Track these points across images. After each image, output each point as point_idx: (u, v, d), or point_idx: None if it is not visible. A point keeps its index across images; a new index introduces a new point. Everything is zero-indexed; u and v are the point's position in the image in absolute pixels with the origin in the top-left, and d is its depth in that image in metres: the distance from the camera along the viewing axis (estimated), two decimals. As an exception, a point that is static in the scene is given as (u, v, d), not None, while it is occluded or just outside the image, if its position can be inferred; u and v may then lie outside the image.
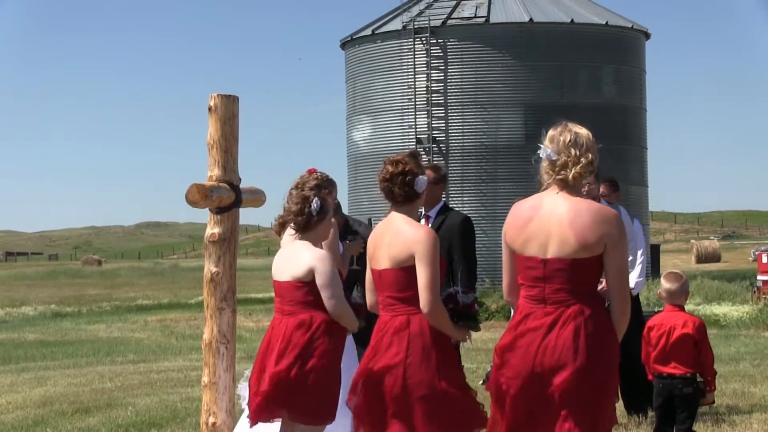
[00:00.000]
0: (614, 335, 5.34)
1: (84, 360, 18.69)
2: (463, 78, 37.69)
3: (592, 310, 5.26)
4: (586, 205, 5.33)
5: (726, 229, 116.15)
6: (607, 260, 5.28)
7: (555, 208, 5.31)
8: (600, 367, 5.23)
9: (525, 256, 5.35)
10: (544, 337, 5.24)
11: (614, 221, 5.29)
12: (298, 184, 7.45)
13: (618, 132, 38.64)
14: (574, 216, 5.26)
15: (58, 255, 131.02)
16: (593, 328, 5.23)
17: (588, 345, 5.20)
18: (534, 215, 5.35)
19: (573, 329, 5.21)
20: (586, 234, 5.23)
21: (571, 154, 5.37)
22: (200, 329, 19.05)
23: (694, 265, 58.04)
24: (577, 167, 5.37)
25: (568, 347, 5.19)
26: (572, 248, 5.23)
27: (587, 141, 5.44)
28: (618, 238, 5.27)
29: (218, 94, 7.36)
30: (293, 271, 6.98)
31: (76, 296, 45.15)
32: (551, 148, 5.41)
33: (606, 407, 5.30)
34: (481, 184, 37.02)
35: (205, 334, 7.42)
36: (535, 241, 5.31)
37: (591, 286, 5.31)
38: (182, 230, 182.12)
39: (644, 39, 40.85)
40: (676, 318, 7.93)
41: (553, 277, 5.26)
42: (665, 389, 7.95)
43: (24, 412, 11.67)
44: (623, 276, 5.32)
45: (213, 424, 7.37)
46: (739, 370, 13.45)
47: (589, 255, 5.24)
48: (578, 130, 5.46)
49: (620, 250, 5.28)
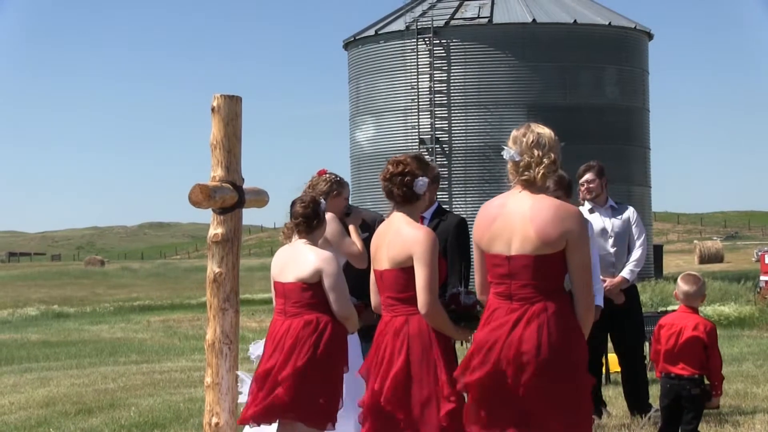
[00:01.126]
0: (579, 332, 5.38)
1: (87, 360, 18.68)
2: (466, 78, 37.70)
3: (557, 306, 5.33)
4: (549, 202, 5.41)
5: (729, 229, 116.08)
6: (569, 256, 5.35)
7: (518, 206, 5.42)
8: (564, 365, 5.27)
9: (491, 253, 5.46)
10: (509, 334, 5.31)
11: (576, 217, 5.38)
12: (310, 186, 7.52)
13: (621, 132, 38.66)
14: (536, 213, 5.35)
15: (61, 255, 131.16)
16: (557, 325, 5.29)
17: (551, 342, 5.26)
18: (499, 214, 5.46)
19: (536, 326, 5.28)
20: (547, 230, 5.31)
21: (534, 154, 5.45)
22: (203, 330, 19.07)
23: (697, 266, 57.99)
24: (540, 167, 5.44)
25: (532, 344, 5.26)
26: (534, 244, 5.32)
27: (550, 141, 5.51)
28: (579, 234, 5.35)
29: (221, 95, 7.35)
30: (298, 273, 6.98)
31: (79, 297, 45.18)
32: (514, 149, 5.50)
33: (579, 403, 5.32)
34: (484, 184, 37.02)
35: (208, 335, 7.41)
36: (500, 239, 5.42)
37: (556, 283, 5.37)
38: (185, 231, 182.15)
39: (647, 39, 40.85)
40: (688, 319, 7.92)
41: (517, 274, 5.35)
42: (673, 389, 7.94)
43: (27, 413, 11.67)
44: (586, 272, 5.38)
45: (216, 424, 7.36)
46: (742, 371, 13.44)
47: (552, 251, 5.32)
48: (540, 131, 5.53)
49: (582, 246, 5.35)
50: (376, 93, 39.06)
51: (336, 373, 6.94)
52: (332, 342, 6.89)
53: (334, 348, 6.90)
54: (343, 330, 6.98)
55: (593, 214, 10.12)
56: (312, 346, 6.85)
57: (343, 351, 6.98)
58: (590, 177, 10.19)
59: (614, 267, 10.14)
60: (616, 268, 10.14)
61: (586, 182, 10.19)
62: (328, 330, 6.89)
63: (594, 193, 10.22)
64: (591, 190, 10.22)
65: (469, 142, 37.41)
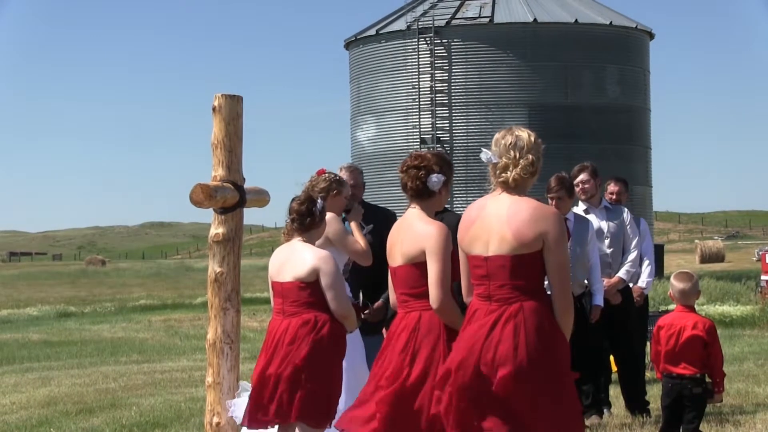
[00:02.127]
0: (559, 332, 5.39)
1: (88, 360, 18.69)
2: (467, 78, 37.68)
3: (534, 307, 5.35)
4: (525, 203, 5.45)
5: (730, 229, 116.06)
6: (546, 257, 5.38)
7: (497, 208, 5.48)
8: (542, 365, 5.28)
9: (471, 255, 5.52)
10: (488, 335, 5.34)
11: (552, 218, 5.40)
12: (310, 185, 7.54)
13: (622, 132, 38.62)
14: (513, 214, 5.40)
15: (62, 255, 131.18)
16: (534, 326, 5.31)
17: (528, 342, 5.28)
18: (478, 216, 5.53)
19: (513, 327, 5.30)
20: (523, 230, 5.35)
21: (511, 156, 5.49)
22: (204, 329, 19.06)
23: (698, 265, 57.96)
24: (517, 169, 5.48)
25: (509, 345, 5.28)
26: (510, 245, 5.37)
27: (528, 143, 5.53)
28: (556, 235, 5.37)
29: (222, 94, 7.35)
30: (296, 272, 6.98)
31: (80, 296, 45.17)
32: (494, 151, 5.54)
33: (560, 403, 5.32)
34: (485, 183, 36.92)
35: (209, 334, 7.42)
36: (479, 241, 5.48)
37: (534, 283, 5.39)
38: (186, 230, 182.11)
39: (648, 39, 40.81)
40: (687, 319, 7.92)
41: (495, 275, 5.39)
42: (674, 389, 7.94)
43: (28, 413, 11.68)
44: (563, 273, 5.40)
45: (217, 424, 7.37)
46: (743, 370, 13.44)
47: (528, 251, 5.35)
48: (519, 133, 5.56)
49: (559, 247, 5.38)
50: (377, 93, 39.03)
51: (334, 372, 6.94)
52: (330, 341, 6.89)
53: (332, 347, 6.90)
54: (341, 329, 6.98)
55: (588, 215, 10.12)
56: (310, 345, 6.84)
57: (341, 350, 6.98)
58: (585, 177, 10.21)
59: (610, 267, 10.17)
60: (612, 269, 10.18)
61: (580, 182, 10.20)
62: (326, 329, 6.89)
63: (589, 194, 10.24)
64: (586, 191, 10.23)
65: (470, 141, 37.38)
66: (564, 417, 5.33)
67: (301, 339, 6.86)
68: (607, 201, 10.49)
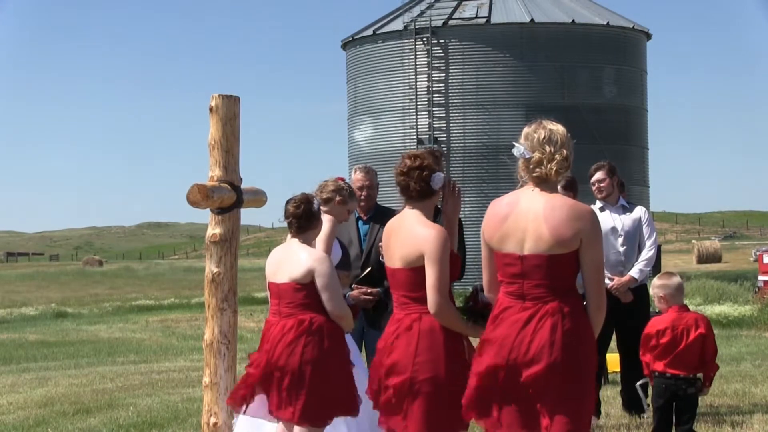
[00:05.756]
0: (591, 332, 5.38)
1: (85, 360, 18.69)
2: (464, 78, 37.70)
3: (571, 306, 5.32)
4: (562, 201, 5.38)
5: (727, 229, 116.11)
6: (582, 256, 5.32)
7: (531, 204, 5.37)
8: (575, 364, 5.27)
9: (503, 252, 5.42)
10: (520, 332, 5.30)
11: (589, 217, 5.34)
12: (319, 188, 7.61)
13: (619, 132, 38.67)
14: (550, 212, 5.32)
15: (59, 255, 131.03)
16: (571, 325, 5.28)
17: (564, 342, 5.25)
18: (510, 212, 5.42)
19: (550, 325, 5.26)
20: (561, 229, 5.28)
21: (546, 150, 5.40)
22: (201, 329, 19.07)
23: (695, 266, 58.01)
24: (552, 164, 5.39)
25: (545, 343, 5.25)
26: (548, 244, 5.29)
27: (562, 137, 5.45)
28: (593, 233, 5.33)
29: (219, 95, 7.35)
30: (291, 273, 6.97)
31: (77, 297, 45.16)
32: (525, 145, 5.45)
33: (583, 404, 5.33)
34: (482, 184, 37.02)
35: (206, 335, 7.42)
36: (512, 238, 5.38)
37: (569, 282, 5.35)
38: (183, 231, 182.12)
39: (645, 39, 40.86)
40: (688, 318, 7.92)
41: (530, 273, 5.32)
42: (669, 390, 7.94)
43: (25, 413, 11.67)
44: (599, 272, 5.37)
45: (214, 424, 7.37)
46: (740, 371, 13.44)
47: (565, 251, 5.29)
48: (553, 127, 5.48)
49: (595, 245, 5.34)
50: (374, 93, 39.05)
51: (331, 372, 6.93)
52: (326, 341, 6.89)
53: (328, 347, 6.89)
54: (337, 330, 6.97)
55: (603, 213, 10.16)
56: (305, 346, 6.84)
57: (337, 350, 6.97)
58: (601, 176, 10.24)
59: (623, 266, 10.16)
60: (625, 267, 10.17)
61: (596, 181, 10.25)
62: (322, 330, 6.88)
63: (605, 192, 10.26)
64: (602, 189, 10.26)
65: (467, 142, 37.41)
66: (582, 419, 5.33)
67: (296, 340, 6.86)
68: (624, 200, 10.48)
